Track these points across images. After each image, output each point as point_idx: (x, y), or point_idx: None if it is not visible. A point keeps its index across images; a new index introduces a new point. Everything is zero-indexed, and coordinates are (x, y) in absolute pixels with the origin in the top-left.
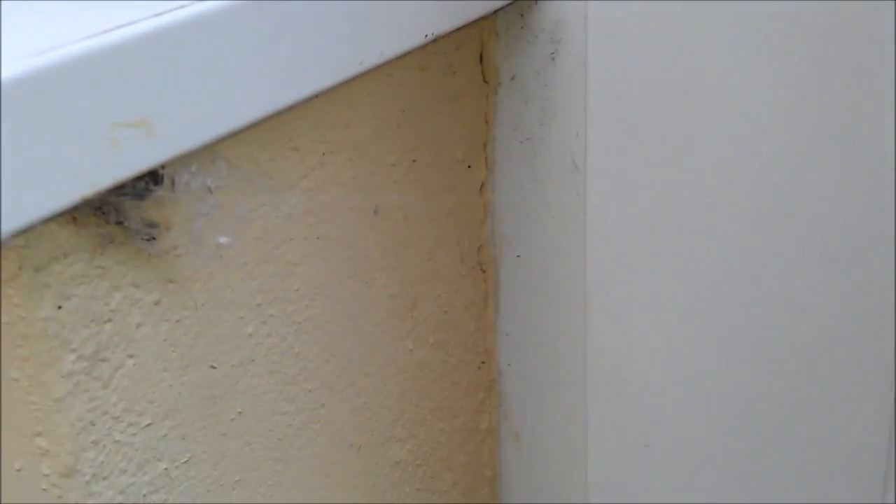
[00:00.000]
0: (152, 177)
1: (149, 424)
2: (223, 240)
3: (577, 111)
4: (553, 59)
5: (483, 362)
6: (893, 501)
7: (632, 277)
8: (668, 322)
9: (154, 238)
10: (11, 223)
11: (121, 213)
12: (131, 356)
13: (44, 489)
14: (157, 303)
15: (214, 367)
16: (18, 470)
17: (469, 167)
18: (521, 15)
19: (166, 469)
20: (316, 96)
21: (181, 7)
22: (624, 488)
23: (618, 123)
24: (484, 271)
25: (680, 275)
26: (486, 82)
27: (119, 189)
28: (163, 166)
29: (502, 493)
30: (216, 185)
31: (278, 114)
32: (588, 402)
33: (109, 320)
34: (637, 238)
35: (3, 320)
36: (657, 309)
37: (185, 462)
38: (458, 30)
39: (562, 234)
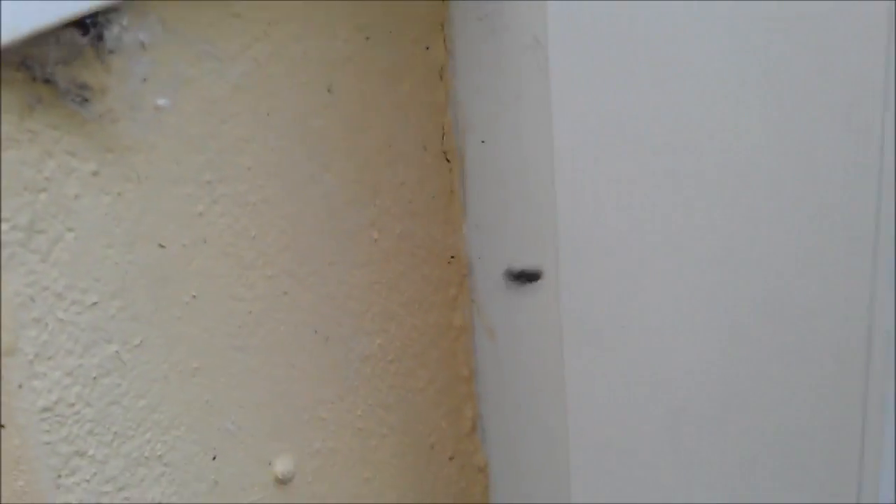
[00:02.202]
0: (79, 28)
1: (95, 303)
2: (161, 101)
3: None
4: None
5: (453, 256)
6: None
7: (601, 156)
8: (638, 199)
9: (87, 100)
10: None
11: (46, 69)
12: (70, 229)
13: None
14: (95, 173)
15: (163, 246)
16: None
17: (427, 48)
18: None
19: (117, 352)
20: None
21: None
22: (602, 378)
23: None
24: (449, 160)
25: (650, 147)
26: None
27: (43, 41)
28: (89, 17)
29: (479, 391)
30: (150, 41)
31: None
32: (561, 293)
33: (44, 189)
34: (604, 113)
35: None
36: (627, 186)
37: (137, 346)
38: None
39: (526, 114)
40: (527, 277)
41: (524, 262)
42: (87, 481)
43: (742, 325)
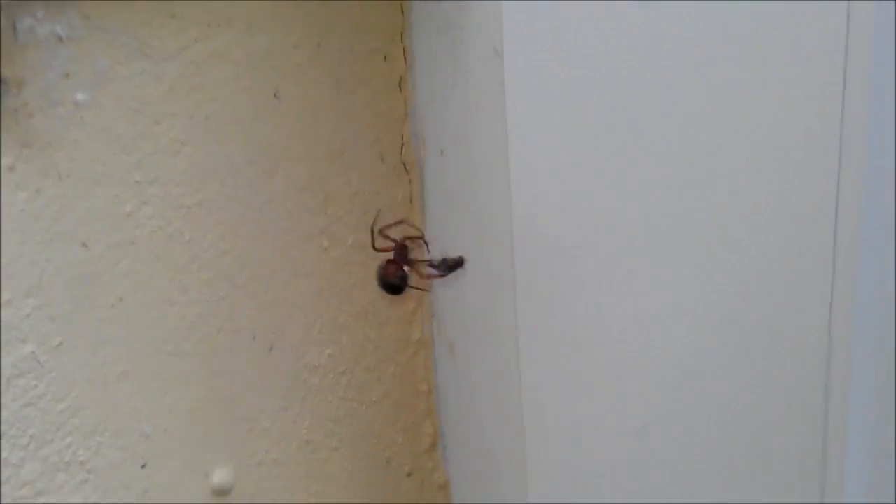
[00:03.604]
0: None
1: (7, 301)
2: (80, 97)
3: None
4: None
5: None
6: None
7: (558, 167)
8: (594, 208)
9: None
10: None
11: None
12: None
13: None
14: (11, 168)
15: (86, 246)
16: None
17: (385, 59)
18: None
19: (33, 352)
20: None
21: None
22: (561, 391)
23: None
24: (408, 172)
25: (607, 157)
26: None
27: None
28: None
29: (439, 407)
30: (68, 35)
31: None
32: (518, 304)
33: None
34: (560, 123)
35: None
36: (583, 196)
37: (56, 346)
38: None
39: (485, 126)
40: (452, 265)
41: (481, 275)
42: (2, 484)
43: (704, 325)
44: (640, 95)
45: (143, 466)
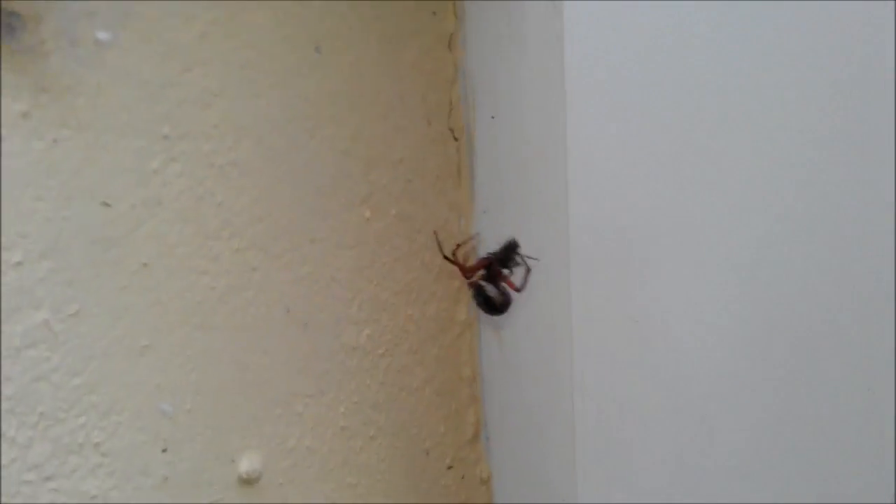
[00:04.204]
0: None
1: (19, 263)
2: (102, 35)
3: None
4: None
5: (458, 245)
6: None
7: (619, 135)
8: (657, 184)
9: (14, 27)
10: None
11: None
12: None
13: None
14: (25, 115)
15: (108, 205)
16: None
17: (434, 14)
18: None
19: (46, 320)
20: None
21: None
22: (615, 380)
23: None
24: (456, 138)
25: (671, 129)
26: None
27: None
28: None
29: (484, 395)
30: None
31: None
32: (572, 284)
33: None
34: (625, 88)
35: None
36: (646, 169)
37: (72, 315)
38: None
39: (541, 89)
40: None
41: (532, 250)
42: (6, 467)
43: (765, 317)
44: (709, 55)
45: (163, 451)
